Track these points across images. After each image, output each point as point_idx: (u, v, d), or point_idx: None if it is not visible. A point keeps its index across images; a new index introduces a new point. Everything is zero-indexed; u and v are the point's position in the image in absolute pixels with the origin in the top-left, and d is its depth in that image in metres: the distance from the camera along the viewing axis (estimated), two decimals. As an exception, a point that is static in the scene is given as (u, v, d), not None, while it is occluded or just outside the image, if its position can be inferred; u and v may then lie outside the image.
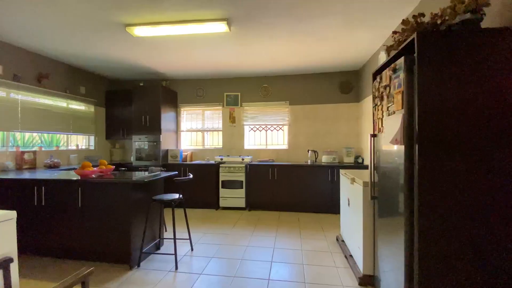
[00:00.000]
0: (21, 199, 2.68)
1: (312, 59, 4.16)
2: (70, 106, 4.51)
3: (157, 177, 2.64)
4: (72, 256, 2.65)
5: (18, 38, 3.32)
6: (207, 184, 4.57)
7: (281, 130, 5.10)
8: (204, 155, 5.22)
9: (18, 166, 3.55)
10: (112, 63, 4.31)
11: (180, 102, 5.32)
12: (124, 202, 2.48)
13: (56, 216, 2.62)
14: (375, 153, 2.03)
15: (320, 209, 4.31)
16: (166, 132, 4.83)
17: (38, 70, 3.89)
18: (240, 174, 4.48)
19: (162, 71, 4.74)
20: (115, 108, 5.23)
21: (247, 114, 5.11)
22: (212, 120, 5.26)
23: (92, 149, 5.03)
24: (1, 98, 3.40)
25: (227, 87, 5.17)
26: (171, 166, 4.67)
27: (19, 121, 3.62)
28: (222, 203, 4.54)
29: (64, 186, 2.60)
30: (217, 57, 4.01)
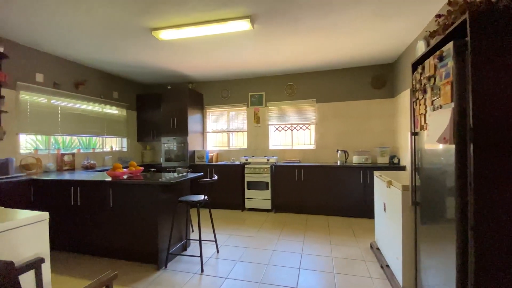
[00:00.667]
0: (60, 198, 2.86)
1: (340, 54, 3.93)
2: (105, 111, 4.77)
3: (182, 179, 2.64)
4: (104, 254, 2.75)
5: (56, 48, 3.56)
6: (233, 185, 4.54)
7: (307, 130, 4.91)
8: (229, 156, 5.22)
9: (58, 167, 3.81)
10: (141, 68, 4.47)
11: (206, 104, 5.37)
12: (151, 203, 2.52)
13: (90, 216, 2.74)
14: (416, 153, 1.81)
15: (352, 213, 4.05)
16: (192, 133, 4.91)
17: (75, 78, 4.15)
18: (265, 175, 4.39)
19: (188, 73, 4.82)
20: (146, 111, 5.44)
21: (272, 113, 5.00)
22: (237, 121, 5.23)
23: (125, 150, 5.28)
24: (43, 105, 3.68)
25: (251, 87, 5.11)
26: (197, 166, 4.72)
27: (59, 126, 3.89)
28: (247, 204, 4.48)
29: (97, 187, 2.71)
30: (241, 56, 3.96)
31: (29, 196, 2.92)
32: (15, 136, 3.29)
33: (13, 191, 2.78)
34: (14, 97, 3.27)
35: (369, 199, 3.93)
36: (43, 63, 3.64)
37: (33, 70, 3.51)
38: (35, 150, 3.61)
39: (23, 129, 3.38)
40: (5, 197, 2.70)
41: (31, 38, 3.20)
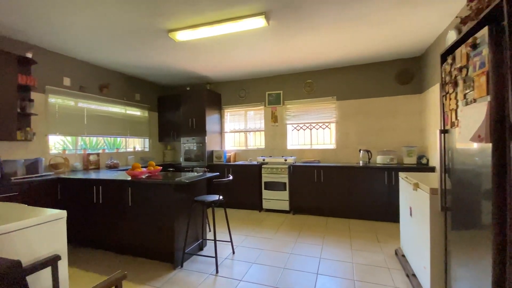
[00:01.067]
0: (84, 196, 2.99)
1: (362, 48, 3.73)
2: (128, 112, 4.95)
3: (198, 178, 2.64)
4: (124, 251, 2.83)
5: (81, 53, 3.74)
6: (250, 185, 4.50)
7: (327, 128, 4.73)
8: (247, 156, 5.19)
9: (85, 166, 4.01)
10: (160, 70, 4.58)
11: (224, 104, 5.38)
12: (168, 202, 2.54)
13: (111, 214, 2.84)
14: (446, 153, 1.64)
15: (375, 216, 3.84)
16: (211, 133, 4.94)
17: (100, 81, 4.34)
18: (283, 175, 4.29)
19: (205, 74, 4.85)
20: (166, 112, 5.57)
21: (290, 112, 4.89)
22: (254, 120, 5.19)
23: (147, 150, 5.45)
24: (70, 107, 3.89)
25: (269, 86, 5.03)
26: (215, 166, 4.74)
27: (85, 127, 4.09)
28: (265, 205, 4.41)
29: (117, 186, 2.79)
30: (257, 55, 3.90)
31: (56, 193, 3.09)
32: (45, 137, 3.50)
33: (42, 189, 2.95)
34: (43, 101, 3.48)
35: (394, 202, 3.69)
36: (70, 67, 3.84)
37: (60, 74, 3.71)
38: (64, 150, 3.83)
39: (52, 130, 3.58)
40: (34, 195, 2.87)
41: (58, 44, 3.38)
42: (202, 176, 2.79)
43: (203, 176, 2.76)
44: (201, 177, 2.72)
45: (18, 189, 2.71)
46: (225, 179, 2.52)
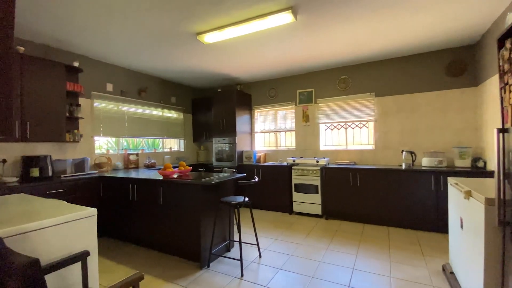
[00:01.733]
0: (121, 194, 3.19)
1: (404, 38, 3.36)
2: (164, 114, 5.21)
3: (224, 179, 2.62)
4: (155, 247, 2.95)
5: (122, 60, 4.03)
6: (280, 187, 4.39)
7: (364, 128, 4.39)
8: (277, 156, 5.08)
9: (125, 165, 4.31)
10: (192, 73, 4.72)
11: (254, 104, 5.35)
12: (195, 202, 2.58)
13: (144, 211, 2.98)
14: (506, 156, 1.35)
15: (419, 225, 3.43)
16: (241, 134, 4.95)
17: (138, 85, 4.64)
18: (314, 177, 4.09)
19: (236, 75, 4.87)
20: (200, 114, 5.75)
21: (323, 111, 4.65)
22: (285, 120, 5.05)
23: (182, 151, 5.69)
24: (113, 111, 4.21)
25: (300, 84, 4.86)
26: (245, 167, 4.73)
27: (125, 129, 4.40)
28: (295, 208, 4.26)
29: (150, 185, 2.93)
30: (286, 52, 3.78)
31: (99, 191, 3.36)
32: (91, 139, 3.84)
33: (86, 186, 3.23)
34: (89, 105, 3.82)
35: (442, 210, 3.26)
36: (112, 74, 4.17)
37: (104, 80, 4.05)
38: (107, 150, 4.16)
39: (96, 132, 3.92)
40: (80, 191, 3.15)
41: (100, 52, 3.68)
42: (228, 177, 2.78)
43: (229, 177, 2.74)
44: (227, 178, 2.71)
45: (66, 186, 3.01)
46: (250, 181, 2.46)
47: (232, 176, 2.80)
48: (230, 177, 2.77)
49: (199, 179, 2.58)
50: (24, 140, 2.88)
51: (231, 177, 2.77)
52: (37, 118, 3.00)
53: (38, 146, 3.26)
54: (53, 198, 2.88)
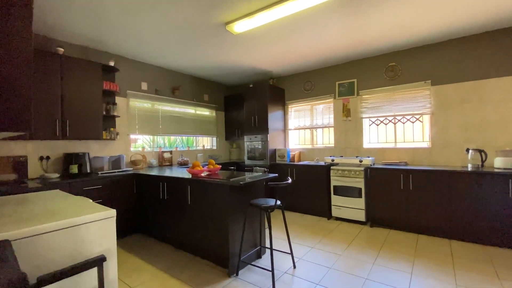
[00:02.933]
0: (153, 192, 3.16)
1: (468, 14, 2.74)
2: (197, 112, 5.18)
3: (253, 180, 2.38)
4: (182, 246, 2.84)
5: (155, 58, 4.03)
6: (317, 189, 4.01)
7: (418, 122, 3.78)
8: (313, 155, 4.68)
9: (160, 163, 4.34)
10: (223, 69, 4.57)
11: (288, 99, 5.02)
12: (223, 203, 2.39)
13: (173, 210, 2.89)
14: None
15: (491, 239, 2.79)
16: (273, 131, 4.66)
17: (172, 84, 4.64)
18: (357, 179, 3.63)
19: (268, 69, 4.60)
20: (232, 111, 5.62)
21: (367, 104, 4.13)
22: (322, 115, 4.63)
23: (214, 149, 5.62)
24: (148, 109, 4.26)
25: (339, 75, 4.39)
26: (277, 166, 4.44)
27: (160, 127, 4.43)
28: (334, 213, 3.84)
29: (178, 184, 2.82)
30: (324, 39, 3.39)
31: (133, 187, 3.38)
32: (127, 137, 3.92)
33: (121, 183, 3.26)
34: (125, 104, 3.89)
35: (529, 223, 2.59)
36: (146, 73, 4.21)
37: (139, 79, 4.10)
38: (143, 148, 4.23)
39: (132, 130, 3.99)
40: (115, 188, 3.19)
41: (134, 51, 3.71)
42: (258, 177, 2.53)
43: (259, 178, 2.49)
44: (257, 178, 2.46)
45: (102, 183, 3.06)
46: (281, 183, 2.18)
47: (263, 177, 2.54)
48: (261, 177, 2.51)
49: (227, 179, 2.38)
50: (64, 137, 2.99)
51: (261, 177, 2.51)
52: (76, 117, 3.10)
53: (79, 144, 3.39)
54: (89, 194, 2.94)
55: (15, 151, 2.87)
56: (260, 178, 2.48)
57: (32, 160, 2.99)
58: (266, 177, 2.55)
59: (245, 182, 2.25)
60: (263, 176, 2.56)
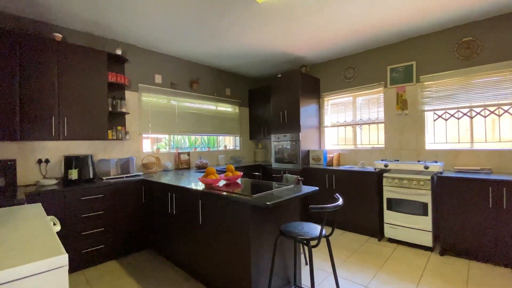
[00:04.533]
0: (161, 203, 2.61)
1: None
2: (218, 109, 4.60)
3: (286, 198, 1.69)
4: (193, 273, 2.25)
5: (169, 47, 3.51)
6: (364, 201, 3.19)
7: (507, 114, 2.79)
8: (356, 158, 3.83)
9: (176, 166, 3.83)
10: (247, 56, 3.91)
11: (323, 91, 4.22)
12: (243, 226, 1.73)
13: (183, 229, 2.31)
14: None
15: None
16: (306, 129, 3.91)
17: (190, 77, 4.11)
18: (421, 191, 2.76)
19: (300, 54, 3.85)
20: (257, 107, 4.97)
21: (430, 92, 3.20)
22: (368, 109, 3.76)
23: (238, 149, 5.01)
24: (163, 105, 3.76)
25: (392, 57, 3.49)
26: (312, 171, 3.68)
27: (176, 125, 3.91)
28: (388, 232, 3.00)
29: (189, 196, 2.23)
30: (376, 7, 2.57)
31: (141, 196, 2.87)
32: (138, 136, 3.44)
33: (128, 190, 2.77)
34: (136, 99, 3.42)
35: None
36: (160, 64, 3.71)
37: (152, 71, 3.61)
38: (157, 149, 3.74)
39: (145, 129, 3.51)
40: (120, 196, 2.70)
41: (144, 38, 3.21)
42: (291, 193, 1.83)
43: (293, 194, 1.79)
44: (290, 196, 1.76)
45: (104, 191, 2.58)
46: (329, 206, 1.45)
47: (297, 193, 1.83)
48: (295, 193, 1.81)
49: (250, 195, 1.72)
50: (62, 138, 2.55)
51: (295, 193, 1.81)
52: (76, 113, 2.65)
53: (83, 145, 2.97)
54: (88, 205, 2.48)
55: (5, 153, 2.49)
56: (294, 194, 1.77)
57: (28, 163, 2.60)
58: (302, 193, 1.84)
59: (274, 202, 1.57)
60: (297, 192, 1.84)
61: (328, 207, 1.43)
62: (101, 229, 2.56)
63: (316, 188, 1.94)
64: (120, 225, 2.70)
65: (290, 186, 2.05)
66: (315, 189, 1.92)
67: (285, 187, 2.03)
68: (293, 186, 2.06)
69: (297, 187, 2.02)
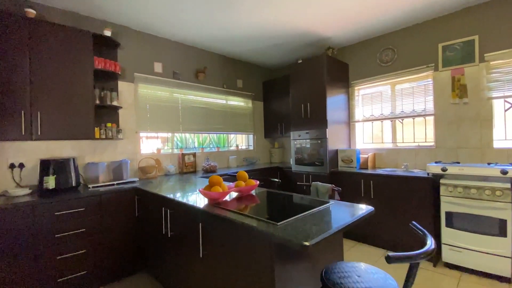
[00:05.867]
0: (155, 221, 2.07)
1: None
2: (229, 103, 4.03)
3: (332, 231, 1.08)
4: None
5: (170, 29, 2.96)
6: (412, 214, 2.51)
7: None
8: (396, 159, 3.14)
9: (180, 169, 3.30)
10: (262, 39, 3.31)
11: (353, 79, 3.54)
12: (262, 269, 1.14)
13: (181, 256, 1.74)
14: None
15: None
16: (333, 124, 3.26)
17: (195, 65, 3.56)
18: (498, 203, 2.06)
19: (325, 33, 3.20)
20: (273, 100, 4.36)
21: (500, 74, 2.47)
22: (411, 98, 3.04)
23: (251, 149, 4.43)
24: (165, 98, 3.23)
25: (444, 33, 2.77)
26: (342, 176, 3.04)
27: (180, 122, 3.38)
28: (447, 256, 2.31)
29: (187, 215, 1.66)
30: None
31: (134, 208, 2.35)
32: (135, 135, 2.93)
33: (117, 202, 2.25)
34: (132, 91, 2.90)
35: None
36: (160, 50, 3.17)
37: (151, 59, 3.08)
38: (158, 150, 3.22)
39: (142, 126, 2.99)
40: (108, 209, 2.18)
41: (142, 20, 2.69)
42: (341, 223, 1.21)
43: (342, 224, 1.17)
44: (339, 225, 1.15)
45: (85, 203, 2.06)
46: (419, 253, 0.83)
47: (346, 220, 1.20)
48: (343, 222, 1.18)
49: (271, 220, 1.12)
50: (36, 137, 2.06)
51: (344, 222, 1.18)
52: (53, 106, 2.16)
53: (67, 146, 2.47)
54: (64, 223, 1.97)
55: (-33, 157, 2.02)
56: (343, 223, 1.15)
57: None
58: (355, 218, 1.20)
59: (315, 240, 0.96)
60: (345, 219, 1.21)
61: (417, 255, 0.81)
62: (82, 251, 2.05)
63: (371, 208, 1.31)
64: (107, 245, 2.18)
65: (327, 204, 1.43)
66: (370, 209, 1.29)
67: (322, 206, 1.41)
68: (332, 203, 1.45)
69: (338, 204, 1.40)
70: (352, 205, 1.39)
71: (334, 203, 1.45)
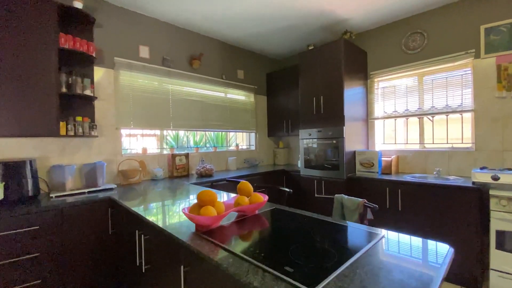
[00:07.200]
0: (129, 247, 1.60)
1: None
2: (228, 96, 3.56)
3: None
4: None
5: (162, 8, 2.48)
6: (450, 231, 2.06)
7: None
8: (425, 163, 2.67)
9: (170, 173, 2.83)
10: (268, 21, 2.83)
11: (372, 69, 3.07)
12: None
13: (161, 299, 1.27)
14: None
15: None
16: (351, 121, 2.79)
17: (189, 51, 3.07)
18: None
19: (342, 15, 2.73)
20: (278, 94, 3.88)
21: (560, 63, 2.01)
22: (444, 91, 2.57)
23: (253, 149, 3.96)
24: (153, 89, 2.75)
25: (487, 12, 2.30)
26: (361, 182, 2.57)
27: (170, 117, 2.90)
28: (496, 285, 1.86)
29: (165, 244, 1.19)
30: None
31: (107, 224, 1.87)
32: (115, 132, 2.45)
33: (86, 215, 1.77)
34: (111, 79, 2.42)
35: None
36: (146, 31, 2.69)
37: (135, 41, 2.60)
38: (144, 150, 2.74)
39: (124, 122, 2.51)
40: (71, 226, 1.71)
41: (120, -13, 2.20)
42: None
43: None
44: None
45: (41, 219, 1.59)
46: None
47: (437, 279, 0.72)
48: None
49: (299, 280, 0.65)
50: (-24, 134, 1.59)
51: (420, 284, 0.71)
52: (3, 96, 1.68)
53: (27, 144, 1.99)
54: (12, 243, 1.50)
55: None
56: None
57: None
58: (442, 275, 0.73)
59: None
60: (430, 278, 0.74)
61: None
62: (36, 281, 1.58)
63: (449, 249, 0.85)
64: (71, 272, 1.71)
65: (378, 239, 0.97)
66: (449, 257, 0.82)
67: (372, 242, 0.95)
68: (383, 235, 0.98)
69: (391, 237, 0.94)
70: (418, 241, 0.92)
71: (386, 235, 0.99)
